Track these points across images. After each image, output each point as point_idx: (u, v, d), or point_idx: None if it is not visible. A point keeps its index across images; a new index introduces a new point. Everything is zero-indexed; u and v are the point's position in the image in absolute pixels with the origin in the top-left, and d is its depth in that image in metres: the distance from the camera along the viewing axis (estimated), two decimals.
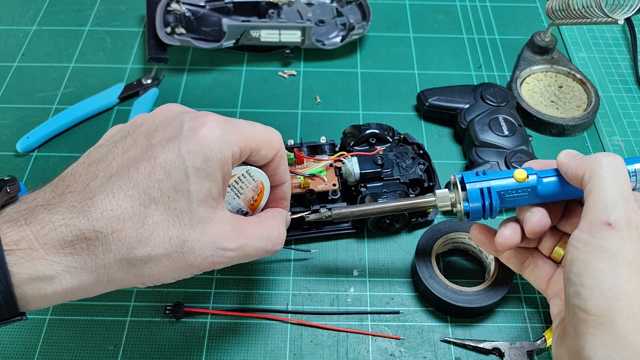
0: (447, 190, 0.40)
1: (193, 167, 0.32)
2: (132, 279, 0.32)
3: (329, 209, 0.43)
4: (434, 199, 0.40)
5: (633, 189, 0.36)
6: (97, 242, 0.30)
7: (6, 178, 0.32)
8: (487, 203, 0.38)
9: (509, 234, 0.38)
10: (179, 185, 0.31)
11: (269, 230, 0.37)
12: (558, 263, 0.41)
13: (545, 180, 0.38)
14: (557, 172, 0.38)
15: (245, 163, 0.37)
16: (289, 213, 0.42)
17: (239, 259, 0.35)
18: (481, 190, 0.38)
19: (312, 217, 0.44)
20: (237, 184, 0.37)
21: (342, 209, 0.43)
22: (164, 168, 0.31)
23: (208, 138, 0.32)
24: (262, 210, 0.40)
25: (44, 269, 0.29)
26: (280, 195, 0.41)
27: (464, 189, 0.39)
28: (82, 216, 0.30)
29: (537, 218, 0.37)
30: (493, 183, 0.38)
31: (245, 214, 0.39)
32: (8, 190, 0.31)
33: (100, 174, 0.31)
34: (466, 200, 0.39)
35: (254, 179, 0.38)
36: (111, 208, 0.30)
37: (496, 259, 0.45)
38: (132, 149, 0.33)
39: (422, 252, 0.47)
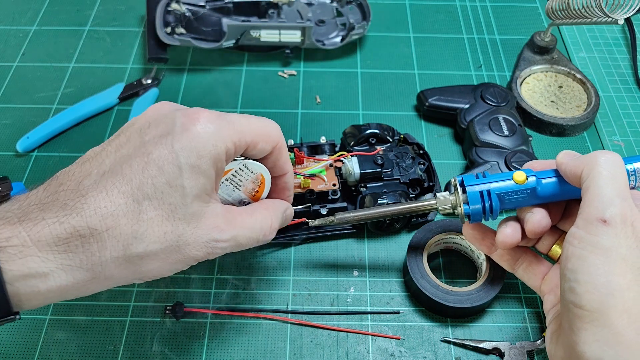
0: (447, 193, 0.41)
1: (187, 163, 0.31)
2: (129, 275, 0.32)
3: (334, 214, 0.43)
4: (435, 202, 0.41)
5: (632, 188, 0.37)
6: (92, 239, 0.30)
7: None
8: (487, 205, 0.38)
9: (510, 232, 0.38)
10: (173, 180, 0.31)
11: (261, 221, 0.37)
12: (555, 261, 0.41)
13: (544, 181, 0.38)
14: (557, 173, 0.38)
15: (245, 156, 0.37)
16: (289, 206, 0.42)
17: (231, 249, 0.35)
18: (481, 192, 0.38)
19: (317, 222, 0.44)
20: (235, 177, 0.37)
21: (346, 214, 0.43)
22: (157, 164, 0.31)
23: (201, 134, 0.32)
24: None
25: (37, 266, 0.29)
26: (282, 186, 0.40)
27: (464, 191, 0.39)
28: (76, 213, 0.29)
29: (538, 218, 0.37)
30: (492, 185, 0.38)
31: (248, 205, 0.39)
32: (0, 189, 0.31)
33: (93, 171, 0.31)
34: (466, 202, 0.39)
35: (252, 172, 0.38)
36: (105, 205, 0.30)
37: (488, 259, 0.45)
38: (125, 146, 0.32)
39: (414, 252, 0.47)
